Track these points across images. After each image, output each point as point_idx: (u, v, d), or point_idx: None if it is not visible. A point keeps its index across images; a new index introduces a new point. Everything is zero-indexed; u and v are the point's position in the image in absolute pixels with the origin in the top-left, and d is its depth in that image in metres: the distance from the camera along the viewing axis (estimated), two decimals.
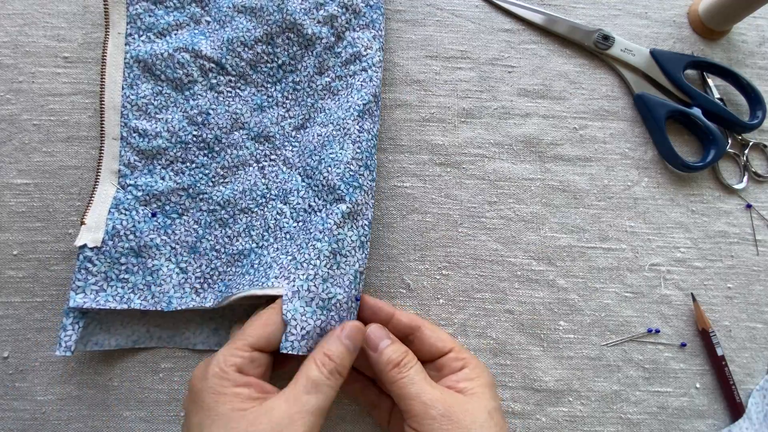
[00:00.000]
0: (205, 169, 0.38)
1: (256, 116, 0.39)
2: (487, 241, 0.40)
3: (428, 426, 0.29)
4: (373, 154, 0.37)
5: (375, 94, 0.38)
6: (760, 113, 0.42)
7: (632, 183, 0.42)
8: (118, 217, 0.36)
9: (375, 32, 0.39)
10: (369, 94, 0.37)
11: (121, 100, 0.38)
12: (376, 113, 0.38)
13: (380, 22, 0.40)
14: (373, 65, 0.38)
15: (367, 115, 0.37)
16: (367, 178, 0.36)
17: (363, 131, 0.36)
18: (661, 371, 0.39)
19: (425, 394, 0.30)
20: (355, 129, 0.36)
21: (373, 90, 0.38)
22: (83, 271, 0.35)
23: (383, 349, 0.32)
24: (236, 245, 0.37)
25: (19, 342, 0.37)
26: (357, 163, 0.35)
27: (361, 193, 0.35)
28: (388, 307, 0.35)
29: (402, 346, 0.33)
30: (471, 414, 0.30)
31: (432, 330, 0.35)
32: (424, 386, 0.30)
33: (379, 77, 0.38)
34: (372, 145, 0.37)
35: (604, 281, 0.40)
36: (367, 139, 0.36)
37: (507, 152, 0.42)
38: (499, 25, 0.44)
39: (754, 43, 0.46)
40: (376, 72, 0.38)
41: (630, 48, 0.43)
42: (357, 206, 0.35)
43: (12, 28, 0.41)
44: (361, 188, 0.35)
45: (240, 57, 0.39)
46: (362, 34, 0.39)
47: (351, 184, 0.35)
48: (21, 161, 0.39)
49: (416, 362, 0.32)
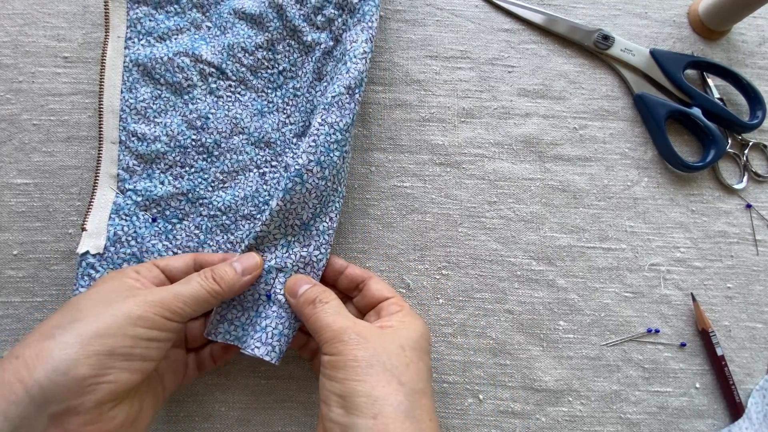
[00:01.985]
0: (205, 173, 0.38)
1: (256, 121, 0.39)
2: (486, 241, 0.40)
3: (337, 347, 0.29)
4: (332, 149, 0.34)
5: (349, 86, 0.35)
6: (760, 113, 0.42)
7: (632, 183, 0.42)
8: (119, 222, 0.36)
9: (364, 24, 0.37)
10: (341, 86, 0.35)
11: (120, 103, 0.38)
12: (349, 106, 0.35)
13: (371, 13, 0.37)
14: (355, 57, 0.36)
15: (335, 107, 0.35)
16: (315, 174, 0.34)
17: (324, 124, 0.34)
18: (661, 371, 0.39)
19: (337, 323, 0.30)
20: (317, 122, 0.34)
21: (348, 81, 0.35)
22: (86, 278, 0.35)
23: (302, 293, 0.33)
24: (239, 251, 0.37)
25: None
26: (307, 156, 0.34)
27: (302, 190, 0.34)
28: (341, 261, 0.37)
29: (320, 287, 0.33)
30: (381, 342, 0.29)
31: (378, 281, 0.36)
32: (336, 317, 0.30)
33: (359, 68, 0.36)
34: (334, 140, 0.34)
35: (603, 281, 0.40)
36: (327, 132, 0.34)
37: (507, 152, 0.42)
38: (499, 25, 0.44)
39: (754, 43, 0.46)
40: (355, 63, 0.36)
41: (630, 48, 0.43)
42: (291, 204, 0.34)
43: (12, 28, 0.41)
44: (303, 185, 0.34)
45: (240, 62, 0.39)
46: (354, 30, 0.38)
47: (292, 179, 0.34)
48: (21, 161, 0.39)
49: (333, 300, 0.32)
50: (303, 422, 0.37)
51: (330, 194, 0.36)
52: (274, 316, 0.34)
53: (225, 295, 0.31)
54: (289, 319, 0.34)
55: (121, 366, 0.26)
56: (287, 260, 0.35)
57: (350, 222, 0.40)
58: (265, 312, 0.34)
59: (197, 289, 0.30)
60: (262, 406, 0.37)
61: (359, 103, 0.36)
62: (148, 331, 0.28)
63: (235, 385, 0.38)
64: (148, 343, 0.28)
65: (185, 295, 0.30)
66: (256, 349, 0.33)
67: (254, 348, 0.33)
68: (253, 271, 0.33)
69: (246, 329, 0.34)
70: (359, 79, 0.36)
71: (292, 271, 0.35)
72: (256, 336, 0.33)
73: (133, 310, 0.27)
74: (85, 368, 0.25)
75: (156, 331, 0.28)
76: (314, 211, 0.35)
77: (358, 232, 0.40)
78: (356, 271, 0.36)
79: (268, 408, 0.37)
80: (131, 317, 0.27)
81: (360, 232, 0.40)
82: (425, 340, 0.32)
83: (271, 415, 0.37)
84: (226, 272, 0.32)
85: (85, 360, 0.25)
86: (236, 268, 0.32)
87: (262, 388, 0.38)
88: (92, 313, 0.27)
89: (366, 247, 0.40)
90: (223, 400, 0.37)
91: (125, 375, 0.26)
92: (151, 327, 0.28)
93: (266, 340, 0.33)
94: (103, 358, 0.26)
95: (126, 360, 0.26)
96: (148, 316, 0.28)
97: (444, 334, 0.39)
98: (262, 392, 0.38)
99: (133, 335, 0.27)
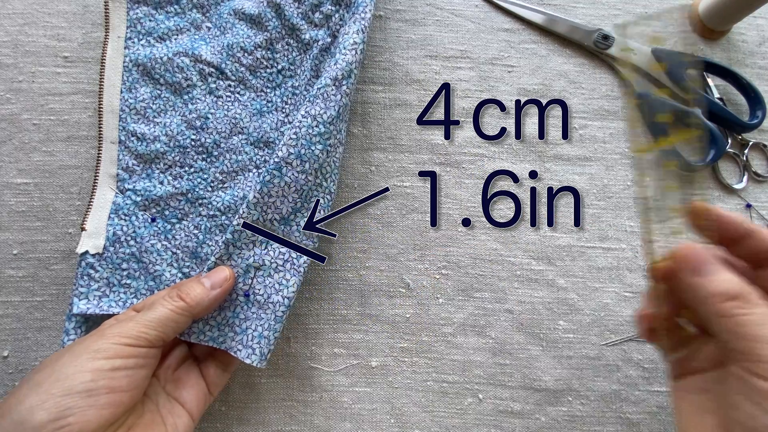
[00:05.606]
0: (204, 173, 0.38)
1: (255, 121, 0.39)
2: (487, 241, 0.40)
3: None
4: (314, 142, 0.34)
5: (335, 77, 0.34)
6: (760, 113, 0.42)
7: (632, 183, 0.42)
8: (119, 222, 0.36)
9: (357, 16, 0.36)
10: (328, 77, 0.34)
11: (120, 103, 0.38)
12: (335, 98, 0.34)
13: (365, 4, 0.37)
14: (344, 48, 0.35)
15: (319, 99, 0.34)
16: (295, 168, 0.34)
17: (307, 116, 0.34)
18: (661, 371, 0.39)
19: None
20: (300, 114, 0.34)
21: (335, 73, 0.34)
22: (86, 278, 0.35)
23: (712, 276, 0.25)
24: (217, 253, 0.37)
25: (19, 341, 0.37)
26: (287, 149, 0.33)
27: (280, 183, 0.34)
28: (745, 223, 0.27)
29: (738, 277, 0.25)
30: None
31: None
32: None
33: (347, 59, 0.35)
34: (317, 133, 0.34)
35: (603, 281, 0.40)
36: (310, 125, 0.34)
37: (507, 152, 0.42)
38: (499, 24, 0.44)
39: (754, 43, 0.46)
40: (344, 55, 0.35)
41: (630, 47, 0.43)
42: (269, 198, 0.34)
43: (12, 27, 0.41)
44: (281, 178, 0.34)
45: (240, 62, 0.39)
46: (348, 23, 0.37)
47: (270, 171, 0.33)
48: (21, 161, 0.39)
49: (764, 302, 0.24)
50: (303, 422, 0.37)
51: (312, 189, 0.35)
52: (254, 317, 0.33)
53: (194, 312, 0.30)
54: (269, 320, 0.33)
55: (84, 404, 0.25)
56: (265, 257, 0.34)
57: (350, 222, 0.40)
58: (244, 313, 0.34)
59: (162, 311, 0.29)
60: (262, 405, 0.37)
61: (348, 95, 0.35)
62: (109, 361, 0.26)
63: (235, 384, 0.38)
64: (113, 374, 0.26)
65: (149, 318, 0.28)
66: (238, 352, 0.33)
67: (236, 351, 0.33)
68: (223, 284, 0.32)
69: (222, 329, 0.33)
70: (347, 71, 0.35)
71: (270, 269, 0.34)
72: (237, 338, 0.33)
73: (90, 345, 0.27)
74: (42, 414, 0.24)
75: (119, 359, 0.27)
76: (294, 206, 0.35)
77: (358, 232, 0.40)
78: None
79: (268, 408, 0.37)
80: (88, 351, 0.26)
81: (360, 231, 0.40)
82: None
83: (271, 414, 0.37)
84: (192, 288, 0.31)
85: (40, 405, 0.24)
86: (204, 283, 0.31)
87: (262, 388, 0.38)
88: (52, 360, 0.27)
89: (366, 247, 0.40)
90: (223, 399, 0.37)
91: (91, 412, 0.25)
92: (112, 356, 0.27)
93: (247, 343, 0.33)
94: (60, 399, 0.24)
95: (89, 396, 0.25)
96: (107, 347, 0.27)
97: (444, 334, 0.39)
98: (262, 392, 0.38)
99: (91, 369, 0.26)
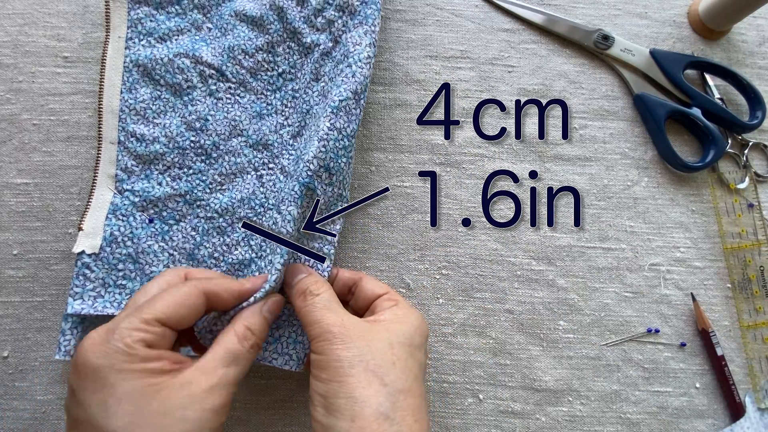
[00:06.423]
0: (203, 175, 0.38)
1: (254, 124, 0.39)
2: (487, 241, 0.40)
3: (322, 346, 0.28)
4: (340, 155, 0.34)
5: (355, 91, 0.35)
6: (760, 113, 0.42)
7: (632, 183, 0.42)
8: (116, 223, 0.36)
9: (367, 27, 0.37)
10: (348, 90, 0.35)
11: (120, 104, 0.38)
12: (355, 111, 0.35)
13: (374, 17, 0.38)
14: (359, 61, 0.36)
15: (342, 112, 0.34)
16: (324, 180, 0.34)
17: (333, 129, 0.34)
18: (661, 371, 0.39)
19: (326, 318, 0.29)
20: (325, 126, 0.34)
21: (354, 86, 0.35)
22: (81, 278, 0.35)
23: (296, 282, 0.32)
24: (235, 254, 0.37)
25: (19, 342, 0.37)
26: (318, 162, 0.33)
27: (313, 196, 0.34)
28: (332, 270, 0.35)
29: (314, 277, 0.32)
30: (368, 340, 0.28)
31: (370, 280, 0.35)
32: (325, 313, 0.30)
33: (364, 74, 0.36)
34: (342, 146, 0.34)
35: (603, 281, 0.40)
36: (336, 138, 0.34)
37: (507, 152, 0.42)
38: (499, 24, 0.44)
39: (754, 43, 0.46)
40: (360, 68, 0.36)
41: (630, 48, 0.43)
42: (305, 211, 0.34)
43: (12, 27, 0.41)
44: (315, 191, 0.34)
45: (240, 64, 0.39)
46: (355, 32, 0.38)
47: (306, 185, 0.33)
48: (21, 161, 0.39)
49: (324, 292, 0.31)
50: (303, 422, 0.37)
51: (336, 200, 0.36)
52: (286, 325, 0.34)
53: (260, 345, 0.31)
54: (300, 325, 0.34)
55: None
56: None
57: (350, 222, 0.40)
58: (276, 322, 0.34)
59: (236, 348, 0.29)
60: (262, 406, 0.37)
61: (362, 108, 0.36)
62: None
63: None
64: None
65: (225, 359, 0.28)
66: (274, 361, 0.33)
67: (272, 360, 0.33)
68: (276, 311, 0.32)
69: None
70: (364, 84, 0.36)
71: None
72: (270, 348, 0.34)
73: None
74: None
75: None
76: None
77: (358, 232, 0.40)
78: (346, 275, 0.35)
79: (268, 408, 0.37)
80: None
81: (360, 232, 0.40)
82: (420, 335, 0.31)
83: (271, 415, 0.37)
84: (256, 322, 0.30)
85: None
86: (267, 317, 0.31)
87: (262, 388, 0.38)
88: None
89: (366, 247, 0.40)
90: None
91: None
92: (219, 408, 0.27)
93: (282, 350, 0.33)
94: None
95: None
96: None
97: (444, 334, 0.39)
98: (262, 392, 0.38)
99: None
